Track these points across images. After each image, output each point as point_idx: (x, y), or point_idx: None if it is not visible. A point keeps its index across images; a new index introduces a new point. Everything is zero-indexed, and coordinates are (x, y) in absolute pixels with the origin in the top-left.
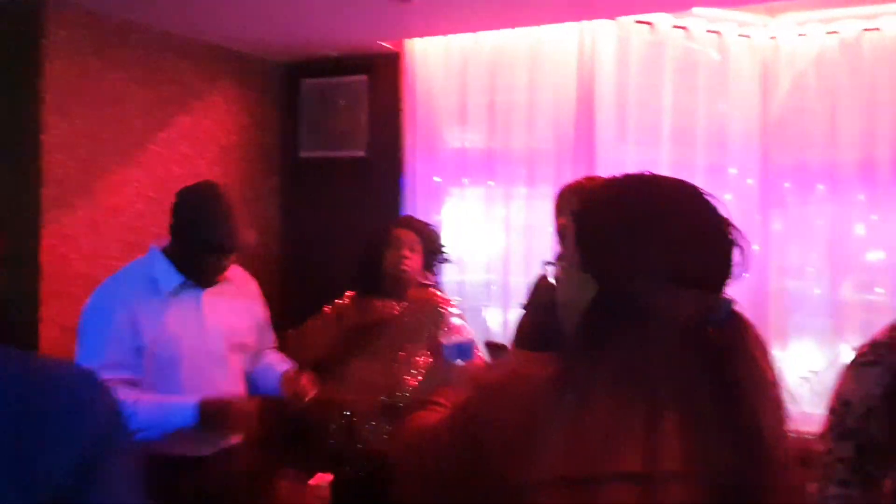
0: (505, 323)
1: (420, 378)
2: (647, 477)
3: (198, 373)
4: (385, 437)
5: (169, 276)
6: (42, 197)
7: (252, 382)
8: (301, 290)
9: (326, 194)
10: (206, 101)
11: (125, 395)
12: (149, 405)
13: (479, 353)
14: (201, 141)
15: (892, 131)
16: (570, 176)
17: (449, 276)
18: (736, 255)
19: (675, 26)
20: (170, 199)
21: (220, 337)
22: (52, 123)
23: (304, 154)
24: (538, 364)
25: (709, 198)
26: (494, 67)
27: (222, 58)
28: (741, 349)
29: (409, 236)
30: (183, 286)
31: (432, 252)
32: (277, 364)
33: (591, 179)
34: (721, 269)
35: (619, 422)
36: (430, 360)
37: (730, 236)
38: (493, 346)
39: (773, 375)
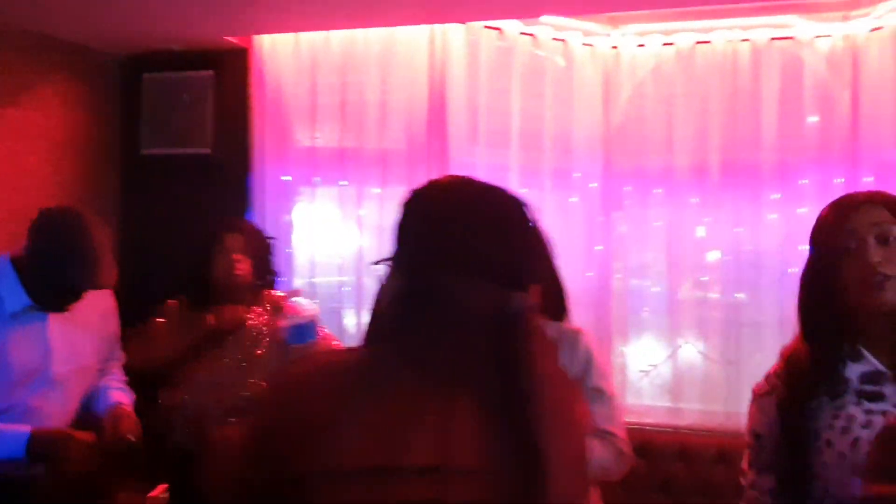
0: (359, 324)
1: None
2: (439, 471)
3: (34, 397)
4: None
5: (16, 296)
6: None
7: (87, 400)
8: (143, 291)
9: (170, 193)
10: (36, 94)
11: None
12: None
13: (325, 331)
14: (30, 136)
15: (722, 138)
16: (424, 177)
17: (302, 277)
18: (536, 256)
19: (523, 33)
20: None
21: (63, 361)
22: None
23: (145, 151)
24: (341, 354)
25: (520, 202)
26: (345, 66)
27: (54, 49)
28: (525, 347)
29: (237, 240)
30: (30, 309)
31: (263, 255)
32: (112, 391)
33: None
34: (518, 267)
35: (415, 413)
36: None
37: (531, 238)
38: None
39: (559, 377)
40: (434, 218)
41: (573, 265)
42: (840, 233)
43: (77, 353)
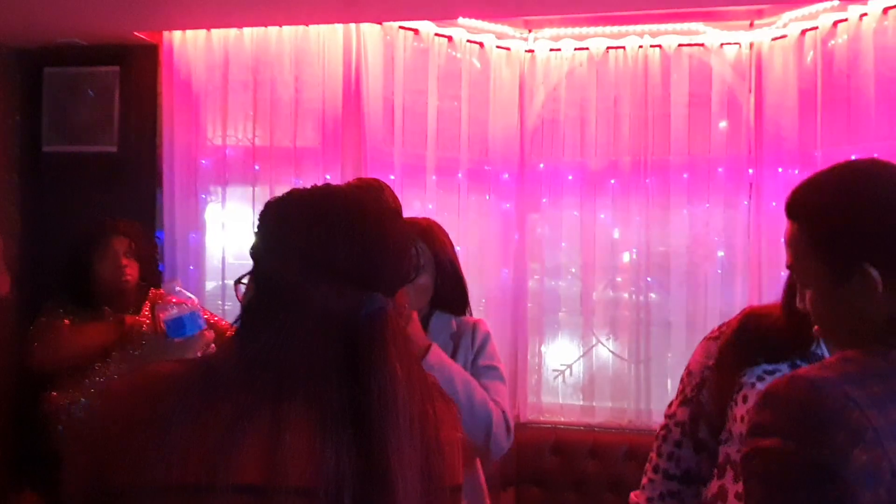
0: None
1: None
2: (266, 491)
3: None
4: None
5: None
6: None
7: None
8: (45, 293)
9: (75, 192)
10: None
11: None
12: None
13: (215, 318)
14: None
15: (634, 140)
16: (339, 174)
17: (214, 279)
18: (398, 259)
19: (439, 34)
20: None
21: None
22: None
23: (47, 148)
24: (183, 364)
25: (380, 204)
26: (258, 63)
27: None
28: (378, 349)
29: (122, 243)
30: None
31: (149, 257)
32: None
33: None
34: (374, 269)
35: (243, 425)
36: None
37: (390, 239)
38: None
39: (417, 380)
40: (287, 225)
41: (489, 265)
42: None
43: None
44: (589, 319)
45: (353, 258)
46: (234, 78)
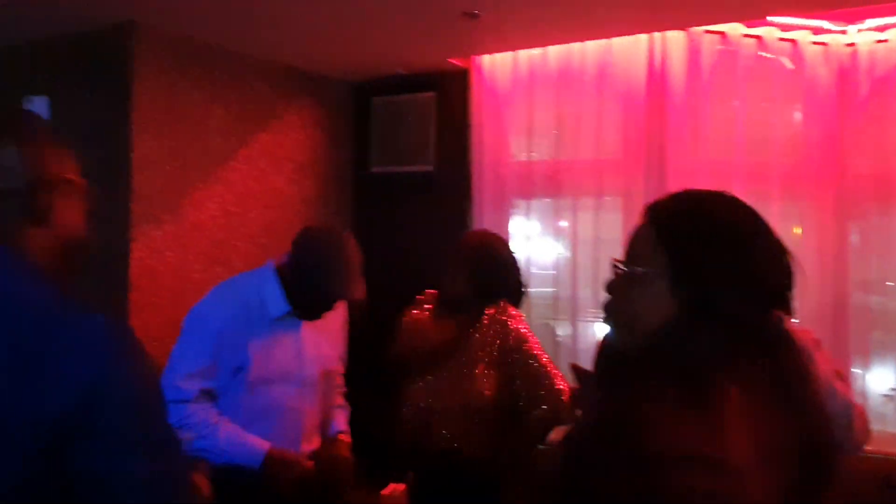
0: (575, 336)
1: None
2: (723, 463)
3: (285, 399)
4: (461, 438)
5: (278, 303)
6: (131, 212)
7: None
8: (370, 302)
9: (396, 208)
10: (283, 119)
11: (208, 414)
12: (226, 436)
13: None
14: (278, 158)
15: None
16: (641, 186)
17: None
18: (791, 267)
19: (747, 35)
20: (248, 213)
21: (314, 364)
22: (140, 142)
23: (374, 170)
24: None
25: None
26: (562, 80)
27: (298, 78)
28: (792, 350)
29: (456, 255)
30: (288, 315)
31: (484, 270)
32: (335, 409)
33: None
34: (784, 278)
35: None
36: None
37: (786, 249)
38: (579, 371)
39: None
40: (716, 234)
41: (805, 277)
42: None
43: (323, 357)
44: None
45: (774, 272)
46: (538, 95)
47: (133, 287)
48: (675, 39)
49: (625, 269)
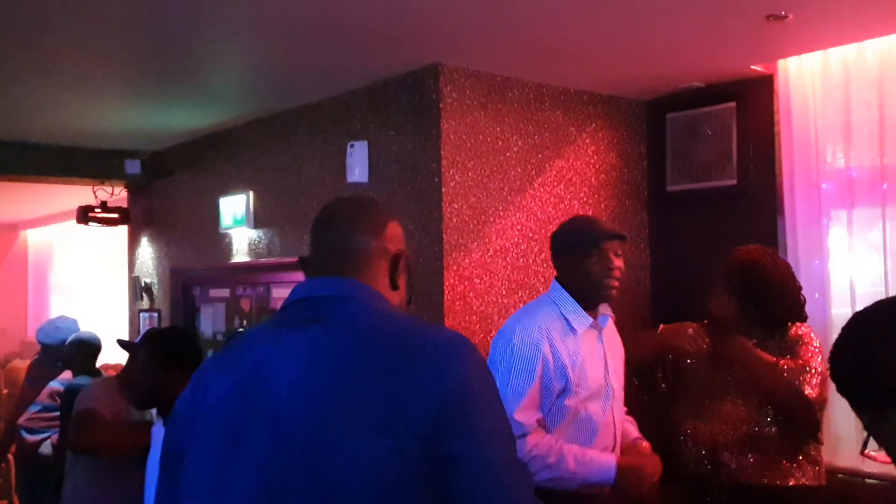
0: None
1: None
2: None
3: (602, 413)
4: (748, 469)
5: (580, 317)
6: (444, 242)
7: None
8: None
9: (695, 226)
10: (577, 144)
11: (551, 440)
12: (573, 458)
13: None
14: (573, 183)
15: None
16: None
17: (840, 307)
18: None
19: None
20: (546, 239)
21: (617, 375)
22: (450, 176)
23: (670, 188)
24: None
25: None
26: (883, 77)
27: (590, 102)
28: None
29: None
30: (591, 327)
31: (747, 290)
32: (626, 423)
33: None
34: None
35: None
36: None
37: None
38: None
39: None
40: None
41: None
42: None
43: (618, 369)
44: None
45: None
46: (855, 97)
47: (447, 312)
48: None
49: None
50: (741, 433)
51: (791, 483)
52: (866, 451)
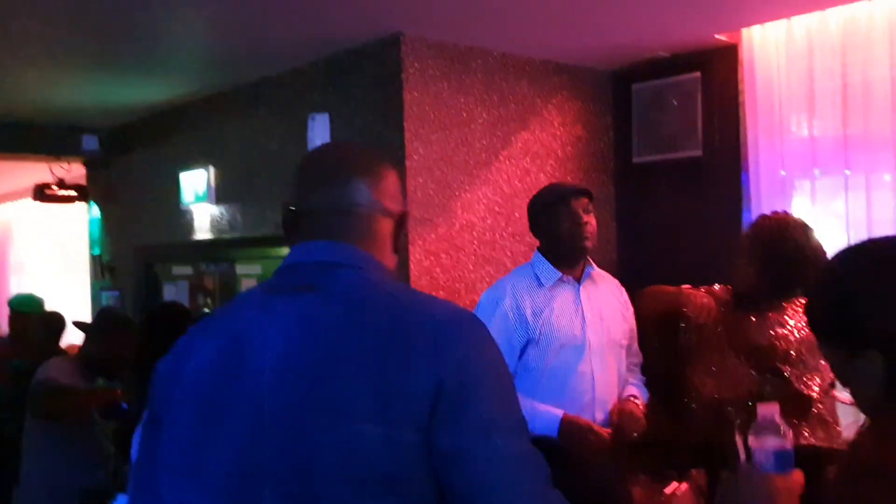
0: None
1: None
2: None
3: (573, 362)
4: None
5: (549, 272)
6: (409, 216)
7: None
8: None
9: (662, 197)
10: (543, 116)
11: None
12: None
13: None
14: (540, 155)
15: None
16: None
17: None
18: None
19: None
20: (513, 213)
21: (597, 329)
22: (413, 149)
23: (636, 160)
24: None
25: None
26: (847, 46)
27: (556, 72)
28: None
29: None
30: (560, 281)
31: (768, 260)
32: (628, 384)
33: None
34: None
35: None
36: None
37: None
38: None
39: None
40: None
41: None
42: None
43: (606, 325)
44: None
45: None
46: (819, 66)
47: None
48: None
49: None
50: (742, 390)
51: (802, 442)
52: (832, 392)
